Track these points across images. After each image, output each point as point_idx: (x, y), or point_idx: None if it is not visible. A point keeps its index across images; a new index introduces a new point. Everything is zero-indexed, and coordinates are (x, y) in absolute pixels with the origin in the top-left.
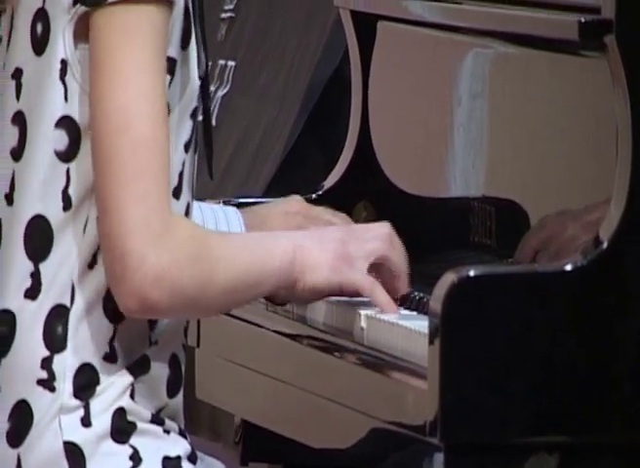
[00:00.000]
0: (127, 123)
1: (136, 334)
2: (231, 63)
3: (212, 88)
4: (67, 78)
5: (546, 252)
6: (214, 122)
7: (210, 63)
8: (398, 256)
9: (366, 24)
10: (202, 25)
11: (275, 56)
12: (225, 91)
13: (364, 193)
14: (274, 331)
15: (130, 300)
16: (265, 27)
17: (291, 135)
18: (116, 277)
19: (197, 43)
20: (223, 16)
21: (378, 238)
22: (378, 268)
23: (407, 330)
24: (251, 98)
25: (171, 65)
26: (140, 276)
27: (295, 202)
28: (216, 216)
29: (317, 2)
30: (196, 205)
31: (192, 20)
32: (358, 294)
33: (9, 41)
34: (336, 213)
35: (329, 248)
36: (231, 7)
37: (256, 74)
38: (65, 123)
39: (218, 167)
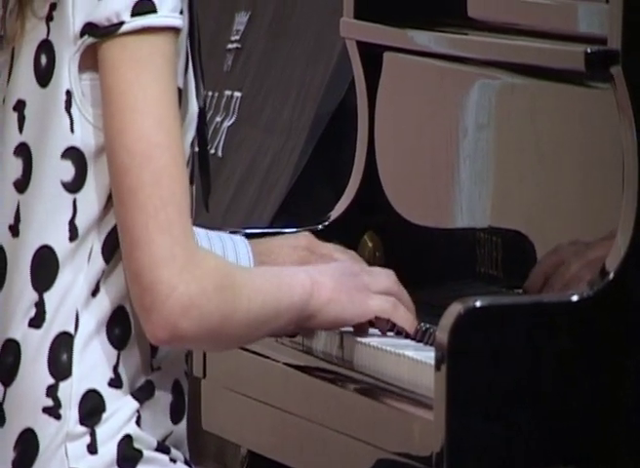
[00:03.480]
0: (149, 154)
1: (139, 361)
2: (237, 94)
3: (218, 119)
4: (72, 109)
5: (554, 282)
6: (220, 153)
7: (216, 94)
8: (406, 296)
9: (372, 55)
10: (199, 53)
11: (281, 86)
12: (232, 122)
13: (370, 224)
14: (280, 362)
15: (160, 330)
16: (272, 58)
17: (297, 165)
18: (145, 308)
19: (195, 71)
20: (230, 46)
21: (387, 275)
22: None
23: (413, 360)
24: (257, 129)
25: (178, 95)
26: (169, 306)
27: (303, 237)
28: (224, 245)
29: (324, 33)
30: (204, 233)
31: (190, 49)
32: (375, 323)
33: (9, 75)
34: (344, 250)
35: (343, 281)
36: (237, 38)
37: (262, 105)
38: (71, 153)
39: (224, 197)
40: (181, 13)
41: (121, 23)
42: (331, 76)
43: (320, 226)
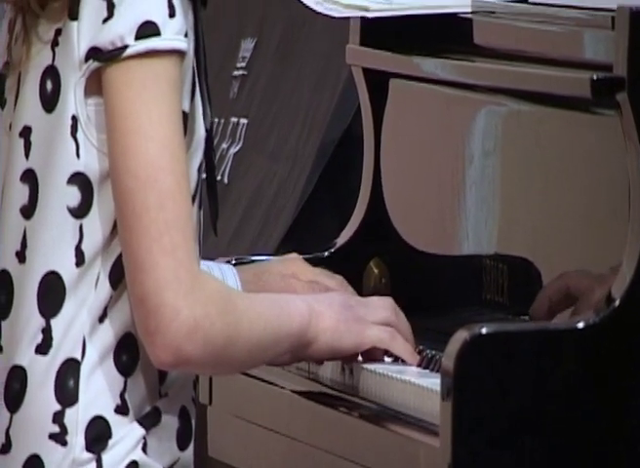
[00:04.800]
0: (154, 178)
1: (146, 387)
2: (243, 121)
3: (224, 145)
4: (78, 134)
5: (559, 308)
6: (226, 179)
7: (222, 121)
8: (405, 326)
9: (378, 82)
10: (206, 76)
11: (287, 113)
12: (238, 148)
13: (376, 251)
14: (286, 389)
15: (164, 353)
16: (278, 84)
17: (303, 192)
18: (150, 331)
19: (202, 95)
20: (236, 73)
21: (384, 307)
22: None
23: (419, 387)
24: (263, 156)
25: (184, 120)
26: (174, 329)
27: (290, 263)
28: (210, 273)
29: (329, 59)
30: None
31: (197, 72)
32: (372, 353)
33: (15, 100)
34: (332, 275)
35: (340, 311)
36: (243, 64)
37: (268, 132)
38: (77, 179)
39: (230, 224)
40: (186, 36)
41: (125, 47)
42: (337, 103)
43: (326, 253)
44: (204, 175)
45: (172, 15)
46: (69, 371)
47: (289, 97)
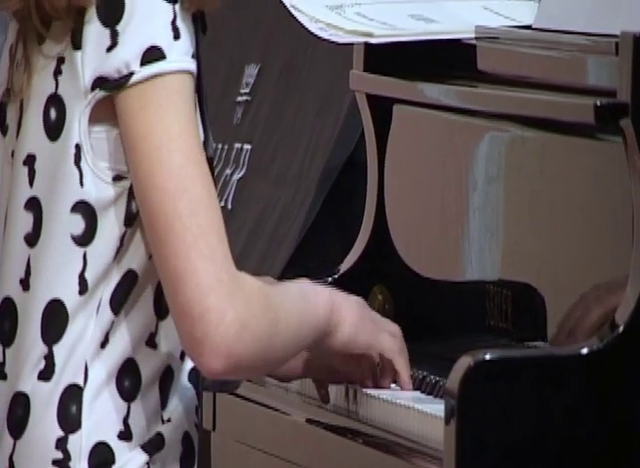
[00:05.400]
0: (182, 187)
1: (149, 412)
2: (247, 147)
3: (227, 171)
4: (82, 163)
5: (561, 332)
6: (229, 205)
7: (226, 147)
8: (405, 356)
9: (382, 107)
10: (206, 104)
11: (291, 139)
12: (241, 174)
13: (380, 277)
14: (290, 415)
15: (215, 359)
16: (281, 111)
17: (307, 218)
18: (198, 340)
19: (203, 121)
20: (239, 99)
21: (394, 327)
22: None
23: (423, 413)
24: (267, 182)
25: None
26: (222, 331)
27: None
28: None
29: (333, 85)
30: None
31: (200, 97)
32: (382, 382)
33: (18, 128)
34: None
35: (356, 307)
36: (247, 90)
37: (272, 157)
38: (81, 207)
39: (233, 250)
40: (194, 57)
41: (131, 74)
42: (340, 129)
43: (330, 279)
44: None
45: (177, 37)
46: (72, 397)
47: (292, 123)
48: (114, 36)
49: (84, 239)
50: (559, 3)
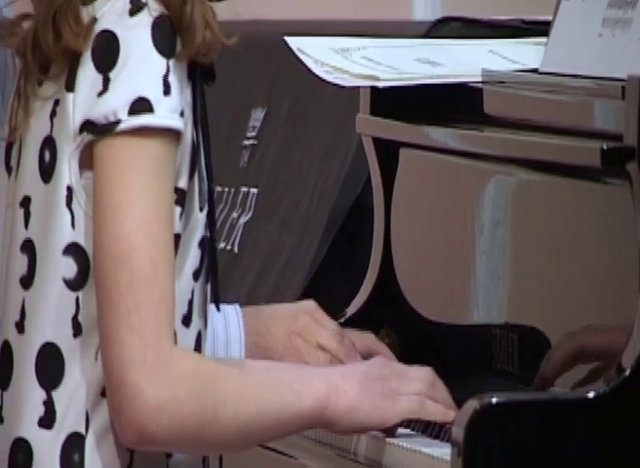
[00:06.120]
0: (127, 255)
1: (153, 462)
2: (254, 190)
3: (234, 214)
4: (74, 205)
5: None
6: (236, 249)
7: (232, 190)
8: (443, 396)
9: (388, 151)
10: (209, 151)
11: (297, 183)
12: (248, 218)
13: (386, 320)
14: (300, 460)
15: (127, 431)
16: (288, 154)
17: (313, 261)
18: (115, 407)
19: (199, 172)
20: (246, 143)
21: (421, 379)
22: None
23: (429, 456)
24: (273, 225)
25: (181, 197)
26: (135, 408)
27: (301, 318)
28: (212, 323)
29: (339, 129)
30: None
31: (197, 149)
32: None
33: (17, 170)
34: (344, 337)
35: (370, 387)
36: (254, 134)
37: (278, 201)
38: (73, 250)
39: (240, 294)
40: (182, 115)
41: (118, 122)
42: (347, 172)
43: (336, 322)
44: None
45: (167, 92)
46: (74, 446)
47: (299, 167)
48: (106, 82)
49: (76, 283)
50: (565, 47)
